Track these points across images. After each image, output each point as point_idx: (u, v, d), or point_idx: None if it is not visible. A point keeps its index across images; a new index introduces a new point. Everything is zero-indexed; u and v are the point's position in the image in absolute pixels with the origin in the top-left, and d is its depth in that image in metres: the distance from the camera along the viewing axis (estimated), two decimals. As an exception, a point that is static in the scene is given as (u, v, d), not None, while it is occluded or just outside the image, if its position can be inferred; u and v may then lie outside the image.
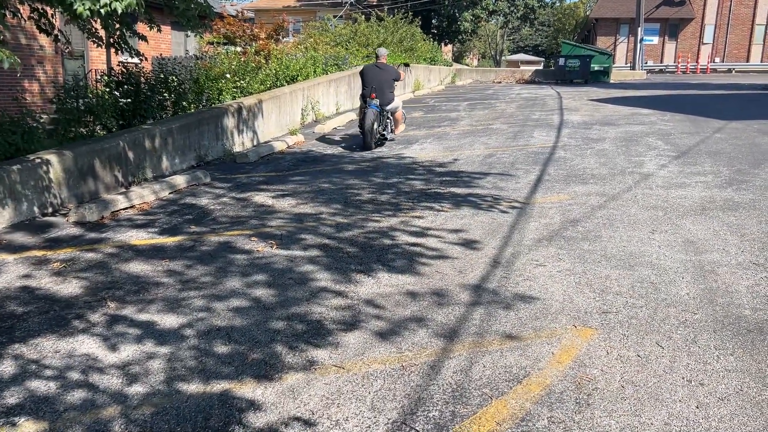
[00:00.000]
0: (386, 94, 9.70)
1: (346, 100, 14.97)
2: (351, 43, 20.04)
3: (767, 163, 7.42)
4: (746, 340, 3.16)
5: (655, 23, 42.81)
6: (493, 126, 11.72)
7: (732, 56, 42.92)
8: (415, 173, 7.68)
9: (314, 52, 16.83)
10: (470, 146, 9.48)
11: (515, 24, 57.63)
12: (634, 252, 4.52)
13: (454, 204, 6.09)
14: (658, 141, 9.26)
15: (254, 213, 5.95)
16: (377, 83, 9.61)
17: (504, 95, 19.86)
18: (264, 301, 3.82)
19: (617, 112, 13.43)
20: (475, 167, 7.89)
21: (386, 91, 9.70)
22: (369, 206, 6.07)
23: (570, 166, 7.69)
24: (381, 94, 9.58)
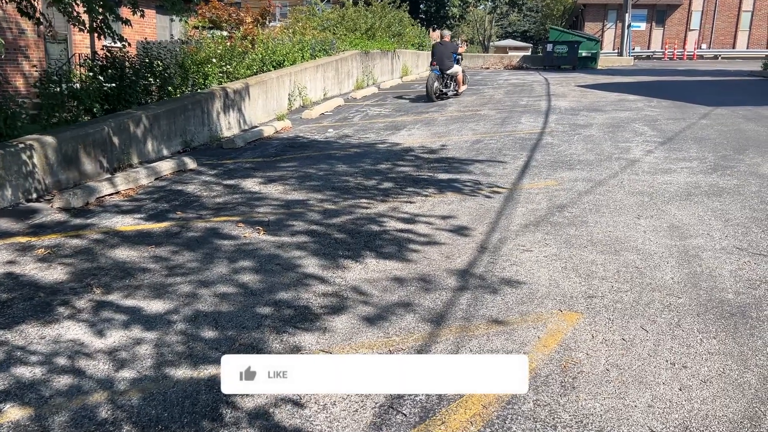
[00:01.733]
0: (445, 62, 13.64)
1: (334, 86, 14.89)
2: (338, 27, 19.86)
3: (752, 149, 7.49)
4: (729, 324, 3.21)
5: (643, 9, 42.83)
6: (480, 112, 11.72)
7: (718, 42, 43.09)
8: (403, 159, 7.67)
9: (301, 36, 16.70)
10: (458, 132, 9.48)
11: (503, 9, 57.51)
12: (620, 237, 4.56)
13: (442, 190, 6.09)
14: (645, 127, 9.30)
15: (241, 199, 5.92)
16: (438, 55, 13.62)
17: (492, 81, 19.84)
18: (251, 287, 3.81)
19: (604, 98, 13.46)
20: (463, 153, 7.89)
21: (445, 61, 13.64)
22: (357, 192, 6.07)
23: (557, 152, 7.72)
24: (441, 62, 13.59)
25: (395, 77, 20.53)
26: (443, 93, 13.85)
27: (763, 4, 42.84)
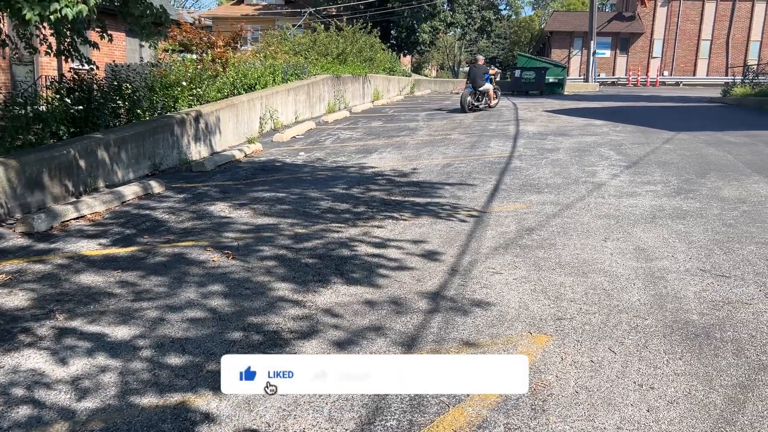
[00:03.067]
0: (478, 81, 16.86)
1: (305, 109, 14.94)
2: (310, 52, 19.99)
3: (713, 173, 7.70)
4: (694, 344, 3.26)
5: (607, 37, 44.08)
6: (451, 136, 11.85)
7: (680, 70, 44.51)
8: (374, 182, 7.69)
9: (273, 60, 16.76)
10: (429, 156, 9.56)
11: (472, 36, 58.55)
12: (588, 259, 4.62)
13: (414, 213, 6.12)
14: (610, 151, 9.51)
15: (210, 223, 5.86)
16: (472, 75, 17.11)
17: (462, 106, 20.08)
18: (220, 312, 3.76)
19: (571, 123, 13.75)
20: (434, 177, 7.96)
21: (478, 80, 16.87)
22: (328, 216, 6.06)
23: (525, 176, 7.83)
24: (474, 81, 16.96)
25: (367, 101, 20.68)
26: (475, 106, 16.99)
27: (721, 33, 44.47)
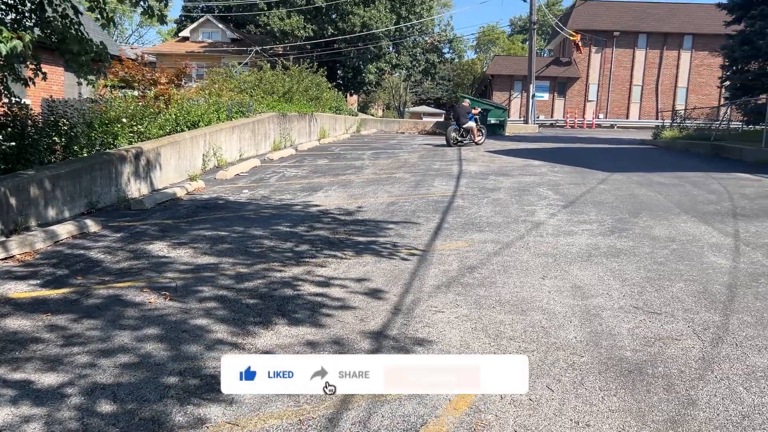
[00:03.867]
0: (462, 119, 19.10)
1: (250, 147, 14.87)
2: (256, 90, 20.03)
3: (644, 213, 8.04)
4: (627, 381, 3.36)
5: (546, 81, 45.90)
6: (396, 175, 12.00)
7: (614, 113, 46.66)
8: (319, 221, 7.68)
9: (218, 98, 16.69)
10: (374, 194, 9.64)
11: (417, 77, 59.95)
12: (527, 297, 4.72)
13: (358, 252, 6.13)
14: (549, 191, 9.82)
15: (148, 263, 5.70)
16: (456, 114, 19.61)
17: (407, 145, 20.44)
18: (155, 356, 3.64)
19: (511, 164, 14.15)
20: (379, 215, 8.01)
21: (462, 118, 19.11)
22: (271, 255, 5.99)
23: (468, 215, 7.98)
24: (458, 119, 19.23)
25: (313, 139, 20.76)
26: (460, 141, 19.18)
27: (651, 80, 47.01)
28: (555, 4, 73.81)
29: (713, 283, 5.08)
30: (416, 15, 42.11)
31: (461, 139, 19.14)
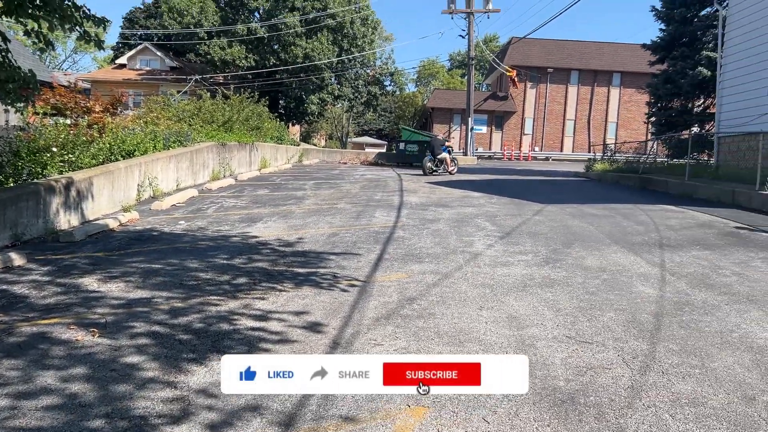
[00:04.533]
0: (436, 151, 21.06)
1: (188, 177, 14.59)
2: (195, 119, 19.78)
3: (577, 244, 8.31)
4: (561, 411, 3.43)
5: (484, 114, 47.23)
6: (337, 205, 12.01)
7: (549, 146, 48.37)
8: (258, 252, 7.57)
9: (155, 126, 16.37)
10: (315, 225, 9.60)
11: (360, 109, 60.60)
12: (464, 328, 4.77)
13: (297, 284, 6.07)
14: (486, 222, 10.03)
15: (77, 298, 5.47)
16: (431, 146, 21.41)
17: (349, 176, 20.53)
18: (81, 397, 3.47)
19: (451, 195, 14.41)
20: (319, 246, 7.98)
21: (436, 150, 21.09)
22: (208, 288, 5.86)
23: (408, 246, 8.04)
24: (433, 151, 21.11)
25: (253, 169, 20.57)
26: (434, 170, 20.91)
27: (583, 114, 49.08)
28: (492, 40, 76.48)
29: (641, 312, 5.28)
30: (358, 48, 42.77)
31: (436, 169, 20.92)
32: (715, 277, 6.57)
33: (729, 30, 16.21)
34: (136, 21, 57.88)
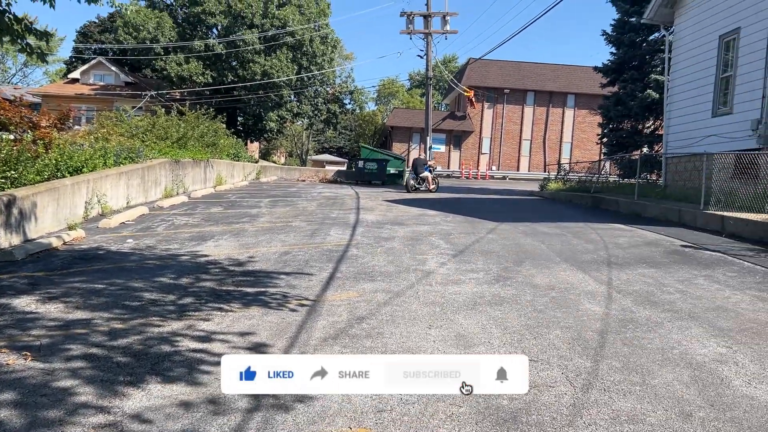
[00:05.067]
0: (419, 169, 22.97)
1: (139, 194, 14.28)
2: (148, 135, 19.41)
3: (528, 262, 8.41)
4: (503, 430, 3.42)
5: (442, 134, 47.80)
6: (292, 223, 11.90)
7: (506, 165, 49.15)
8: (207, 272, 7.42)
9: (105, 142, 16.02)
10: (268, 243, 9.48)
11: (319, 126, 60.56)
12: (412, 347, 4.75)
13: (245, 304, 5.95)
14: (440, 240, 10.08)
15: (11, 320, 5.24)
16: (415, 165, 23.32)
17: (306, 193, 20.43)
18: (8, 425, 3.30)
19: (407, 213, 14.46)
20: (270, 265, 7.87)
21: (419, 169, 23.02)
22: (151, 309, 5.69)
23: (361, 264, 8.00)
24: (416, 169, 23.04)
25: (208, 186, 20.29)
26: (417, 188, 22.71)
27: (539, 135, 50.11)
28: (451, 61, 77.73)
29: (587, 329, 5.35)
30: (317, 66, 42.84)
31: (418, 186, 22.76)
32: (660, 294, 6.72)
33: (675, 54, 16.84)
34: (90, 35, 56.80)
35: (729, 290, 6.91)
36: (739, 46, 13.81)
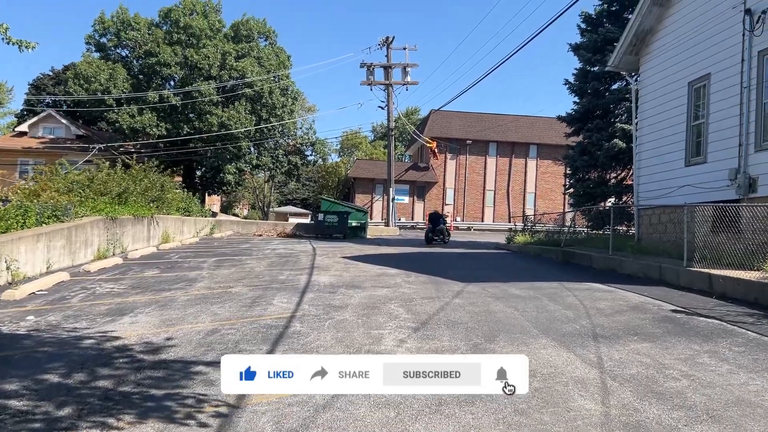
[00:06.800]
0: (436, 224, 25.57)
1: (64, 257, 12.71)
2: (86, 191, 17.87)
3: (501, 336, 7.17)
4: None
5: (406, 185, 47.04)
6: (232, 290, 10.48)
7: (470, 216, 48.52)
8: (109, 363, 5.96)
9: (35, 198, 14.54)
10: (195, 318, 8.04)
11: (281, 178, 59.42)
12: (352, 491, 3.40)
13: (141, 415, 4.53)
14: (400, 308, 8.79)
15: None
16: (434, 219, 26.11)
17: (259, 250, 19.04)
18: None
19: (366, 272, 13.18)
20: (191, 350, 6.45)
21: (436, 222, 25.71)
22: (11, 429, 4.23)
23: (302, 344, 6.65)
24: (434, 223, 25.78)
25: (152, 245, 18.75)
26: (434, 239, 25.18)
27: (502, 185, 49.84)
28: (414, 113, 78.21)
29: (585, 443, 4.08)
30: (277, 117, 41.99)
31: (435, 238, 25.15)
32: (663, 381, 5.52)
33: (642, 103, 16.25)
34: (43, 88, 55.23)
35: (743, 373, 5.76)
36: (710, 92, 13.19)
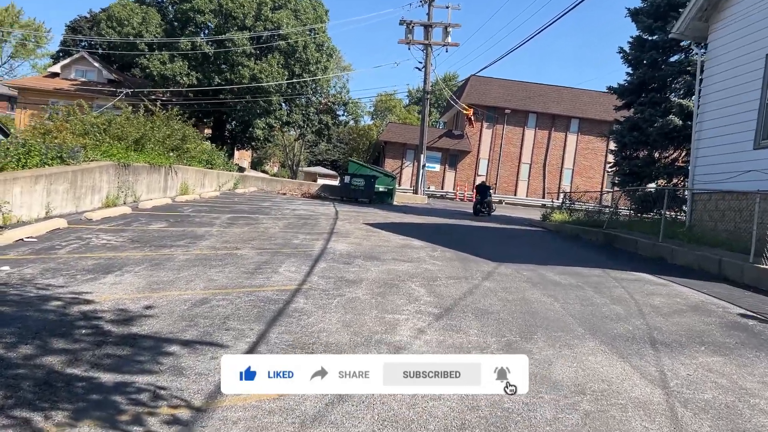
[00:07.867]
0: (484, 195, 25.03)
1: (67, 202, 11.87)
2: (104, 134, 17.02)
3: (540, 333, 6.01)
4: None
5: (438, 152, 45.55)
6: (238, 251, 9.47)
7: (503, 189, 46.90)
8: (68, 333, 4.98)
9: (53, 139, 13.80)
10: (186, 283, 7.05)
11: (311, 138, 58.31)
12: None
13: (76, 414, 3.53)
14: (422, 289, 7.67)
15: None
16: (480, 190, 25.44)
17: (278, 210, 18.06)
18: None
19: (388, 243, 12.07)
20: (170, 323, 5.43)
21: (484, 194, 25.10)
22: None
23: (303, 327, 5.59)
24: (482, 194, 25.12)
25: (169, 195, 17.91)
26: (482, 211, 24.59)
27: (539, 159, 47.99)
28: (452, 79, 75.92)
29: None
30: (310, 74, 40.66)
31: (483, 210, 24.62)
32: (749, 413, 4.33)
33: (707, 76, 14.58)
34: (79, 30, 54.56)
35: None
36: (794, 66, 11.55)
